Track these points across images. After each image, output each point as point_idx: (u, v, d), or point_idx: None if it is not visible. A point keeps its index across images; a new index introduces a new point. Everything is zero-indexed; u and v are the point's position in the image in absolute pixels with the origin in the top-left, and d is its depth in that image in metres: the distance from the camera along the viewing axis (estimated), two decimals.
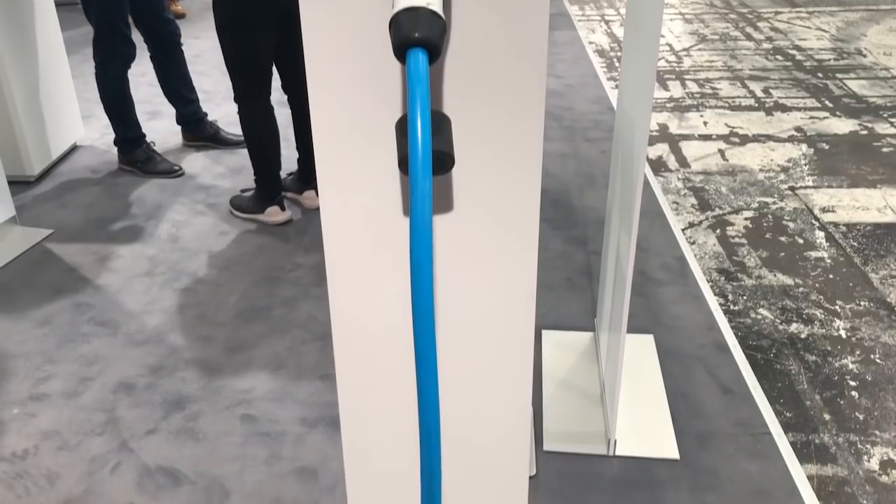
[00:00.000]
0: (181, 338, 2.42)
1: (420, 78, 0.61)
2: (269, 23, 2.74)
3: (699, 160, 3.66)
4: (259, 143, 2.96)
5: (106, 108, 3.40)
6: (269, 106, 2.92)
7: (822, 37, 5.54)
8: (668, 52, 5.28)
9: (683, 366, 2.26)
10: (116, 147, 3.52)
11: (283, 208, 3.07)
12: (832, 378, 2.23)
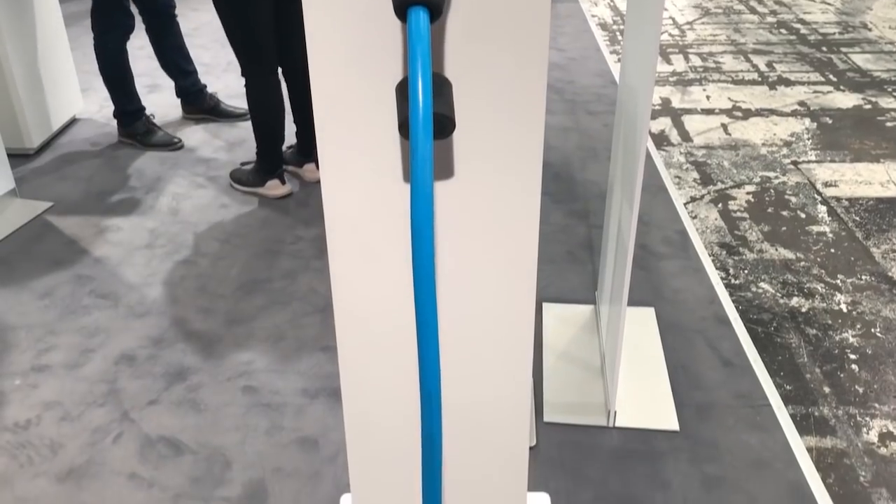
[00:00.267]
0: (182, 310, 2.43)
1: (421, 36, 0.60)
2: None
3: (702, 134, 3.64)
4: (265, 119, 2.94)
5: (105, 80, 3.38)
6: (276, 80, 2.89)
7: (826, 10, 5.49)
8: (671, 26, 5.24)
9: (684, 338, 2.26)
10: (116, 120, 3.51)
11: (283, 182, 3.06)
12: (832, 351, 2.23)
